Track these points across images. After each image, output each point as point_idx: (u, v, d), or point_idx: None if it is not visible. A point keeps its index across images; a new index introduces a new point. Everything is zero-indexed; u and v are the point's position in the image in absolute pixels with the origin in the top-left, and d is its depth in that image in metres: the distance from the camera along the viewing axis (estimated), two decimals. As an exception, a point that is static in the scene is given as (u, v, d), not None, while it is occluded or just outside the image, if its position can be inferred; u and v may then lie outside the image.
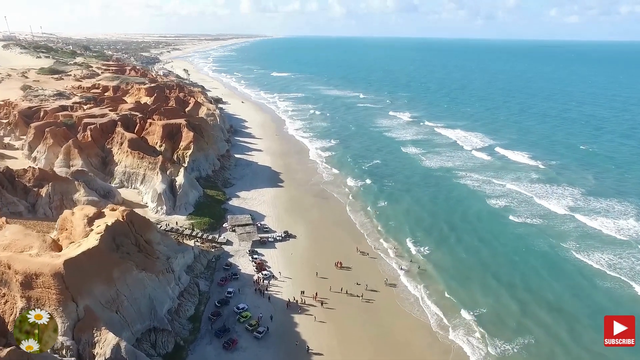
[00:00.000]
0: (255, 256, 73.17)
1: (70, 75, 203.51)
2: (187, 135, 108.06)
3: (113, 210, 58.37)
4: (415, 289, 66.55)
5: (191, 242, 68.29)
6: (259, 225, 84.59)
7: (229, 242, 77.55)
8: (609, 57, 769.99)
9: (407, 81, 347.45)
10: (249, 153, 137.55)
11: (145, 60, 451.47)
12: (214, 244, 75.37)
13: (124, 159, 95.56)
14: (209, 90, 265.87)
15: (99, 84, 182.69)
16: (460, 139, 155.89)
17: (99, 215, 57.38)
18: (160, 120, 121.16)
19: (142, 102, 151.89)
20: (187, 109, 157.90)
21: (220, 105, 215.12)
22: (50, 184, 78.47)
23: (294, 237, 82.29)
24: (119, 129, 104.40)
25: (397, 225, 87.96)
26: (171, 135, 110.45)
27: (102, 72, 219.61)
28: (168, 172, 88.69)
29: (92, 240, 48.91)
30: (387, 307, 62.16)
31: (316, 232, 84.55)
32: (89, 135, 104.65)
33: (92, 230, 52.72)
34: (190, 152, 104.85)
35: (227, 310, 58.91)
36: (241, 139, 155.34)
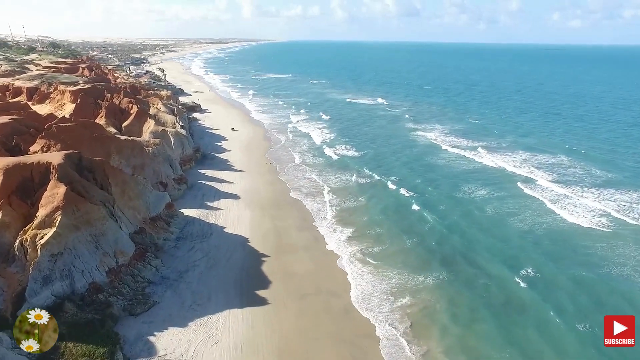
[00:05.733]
0: None
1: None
2: (53, 193, 49.31)
3: None
4: None
5: None
6: None
7: None
8: (619, 60, 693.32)
9: (426, 84, 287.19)
10: (214, 203, 78.59)
11: (130, 61, 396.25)
12: None
13: None
14: (189, 94, 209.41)
15: (11, 84, 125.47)
16: (522, 174, 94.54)
17: None
18: (47, 149, 64.39)
19: (46, 114, 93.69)
20: (124, 124, 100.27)
21: (195, 115, 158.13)
22: None
23: None
24: None
25: None
26: (27, 191, 51.98)
27: (36, 70, 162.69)
28: None
29: None
30: None
31: None
32: None
33: None
34: (51, 233, 46.16)
35: None
36: (209, 172, 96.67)
